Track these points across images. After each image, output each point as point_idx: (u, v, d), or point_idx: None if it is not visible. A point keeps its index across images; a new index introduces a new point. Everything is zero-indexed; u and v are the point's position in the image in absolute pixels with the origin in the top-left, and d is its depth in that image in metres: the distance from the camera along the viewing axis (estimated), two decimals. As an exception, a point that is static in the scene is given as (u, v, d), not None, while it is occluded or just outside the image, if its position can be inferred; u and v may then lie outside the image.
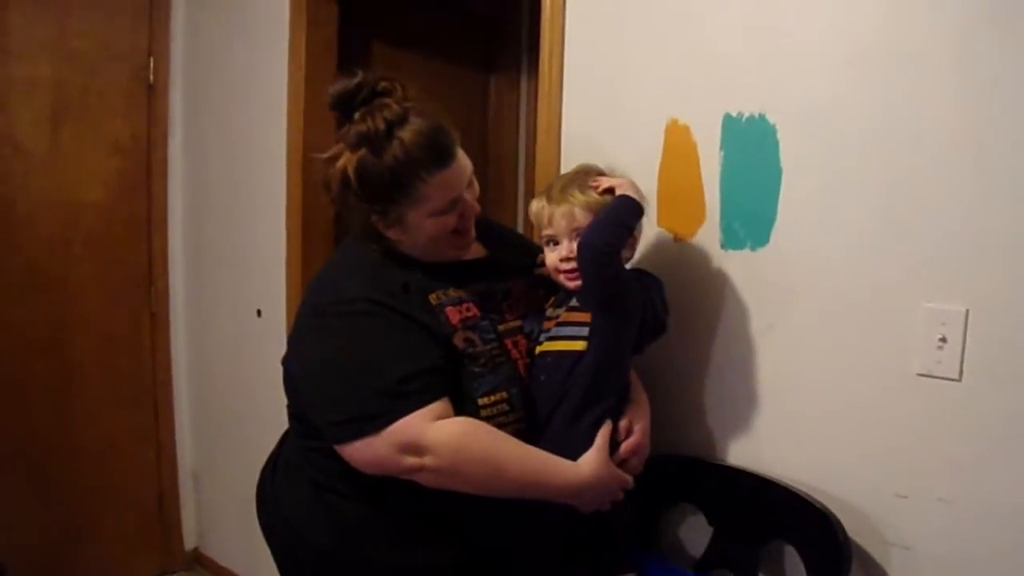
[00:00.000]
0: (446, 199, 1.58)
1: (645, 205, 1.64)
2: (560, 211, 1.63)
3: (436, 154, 1.55)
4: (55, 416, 3.18)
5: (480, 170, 1.72)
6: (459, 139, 1.61)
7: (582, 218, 1.61)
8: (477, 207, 1.66)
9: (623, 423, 1.65)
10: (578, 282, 1.62)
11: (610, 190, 1.64)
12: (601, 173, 1.71)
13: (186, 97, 3.39)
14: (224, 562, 3.51)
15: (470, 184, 1.64)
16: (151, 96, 3.31)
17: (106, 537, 3.35)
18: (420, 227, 1.59)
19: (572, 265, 1.61)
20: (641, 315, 1.63)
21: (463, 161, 1.61)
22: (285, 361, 1.71)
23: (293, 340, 1.68)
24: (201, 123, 3.35)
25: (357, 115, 1.54)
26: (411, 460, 1.45)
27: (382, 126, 1.51)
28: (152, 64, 3.28)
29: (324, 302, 1.61)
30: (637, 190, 1.64)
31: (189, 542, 3.64)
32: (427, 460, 1.45)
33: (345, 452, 1.52)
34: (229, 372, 3.36)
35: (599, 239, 1.56)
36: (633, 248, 1.71)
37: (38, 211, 3.07)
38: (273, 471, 1.83)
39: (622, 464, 1.63)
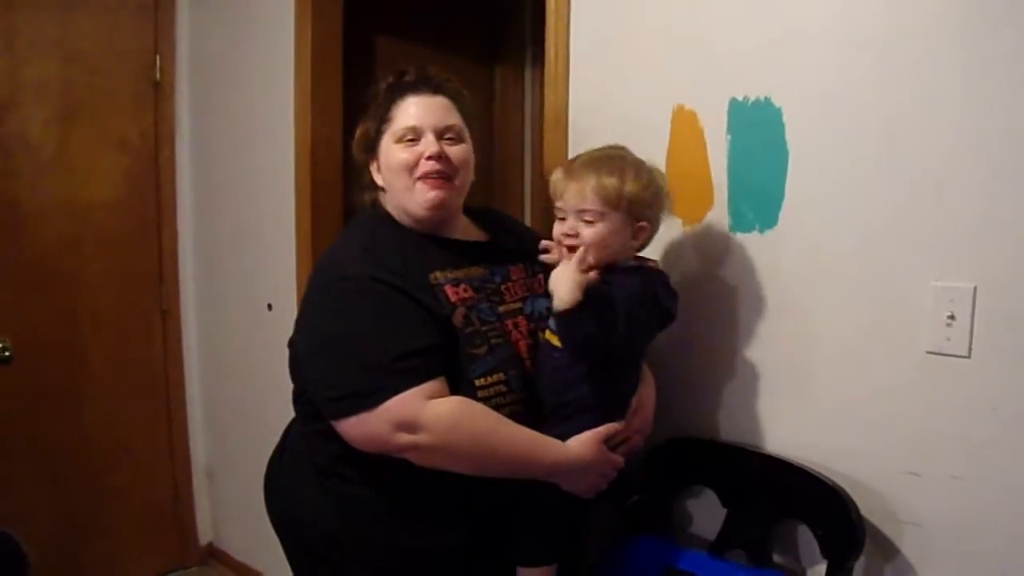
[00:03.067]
0: (408, 123, 1.65)
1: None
2: (573, 188, 1.61)
3: (416, 81, 1.69)
4: (69, 414, 3.21)
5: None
6: (462, 95, 1.74)
7: (592, 202, 1.59)
8: (442, 153, 1.65)
9: (633, 400, 1.68)
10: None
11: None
12: (627, 157, 1.66)
13: (193, 94, 3.41)
14: (239, 556, 3.53)
15: (450, 138, 1.68)
16: (158, 94, 3.33)
17: (121, 533, 3.37)
18: (387, 155, 1.68)
19: (571, 241, 1.61)
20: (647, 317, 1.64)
21: (445, 105, 1.69)
22: (291, 343, 1.74)
23: (298, 319, 1.71)
24: (208, 120, 3.37)
25: None
26: (405, 438, 1.47)
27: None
28: (158, 62, 3.30)
29: (326, 280, 1.63)
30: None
31: (204, 537, 3.66)
32: (421, 438, 1.47)
33: (341, 428, 1.54)
34: (241, 367, 3.37)
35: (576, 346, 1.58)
36: (647, 240, 1.70)
37: (48, 210, 3.08)
38: (279, 459, 1.86)
39: (623, 443, 1.66)
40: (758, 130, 1.76)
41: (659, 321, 1.67)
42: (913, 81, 1.55)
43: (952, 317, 1.53)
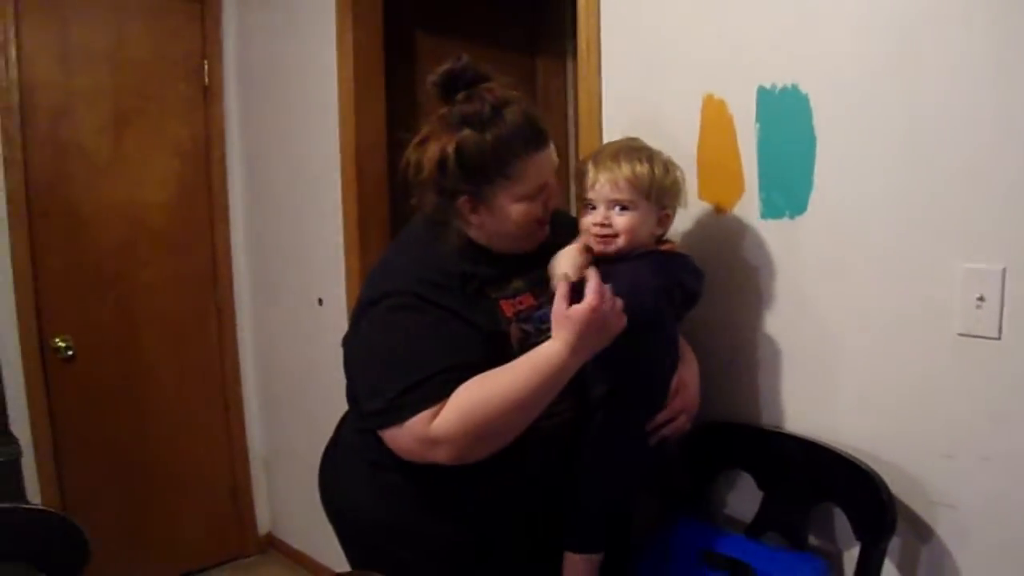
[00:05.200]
0: (537, 182, 1.62)
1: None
2: (604, 178, 1.64)
3: (535, 134, 1.61)
4: (131, 409, 3.34)
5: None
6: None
7: (626, 191, 1.63)
8: (558, 198, 1.70)
9: (674, 382, 1.71)
10: (608, 247, 1.65)
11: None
12: (650, 148, 1.71)
13: (241, 97, 3.50)
14: (297, 545, 3.63)
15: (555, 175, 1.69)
16: (207, 98, 3.43)
17: (183, 524, 3.50)
18: (506, 211, 1.62)
19: (604, 231, 1.65)
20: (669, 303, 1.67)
21: (553, 149, 1.66)
22: (345, 341, 1.77)
23: (351, 326, 1.74)
24: (256, 121, 3.46)
25: (461, 96, 1.58)
26: (432, 453, 1.53)
27: (488, 107, 1.56)
28: (206, 67, 3.40)
29: (375, 293, 1.66)
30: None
31: (263, 527, 3.78)
32: (447, 450, 1.52)
33: (383, 437, 1.60)
34: (294, 361, 3.46)
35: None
36: (666, 226, 1.74)
37: (104, 214, 3.21)
38: (333, 451, 1.91)
39: (668, 424, 1.70)
40: (786, 117, 1.77)
41: (685, 303, 1.70)
42: (941, 65, 1.55)
43: (982, 299, 1.53)
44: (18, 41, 2.94)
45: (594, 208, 1.67)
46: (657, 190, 1.66)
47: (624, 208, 1.64)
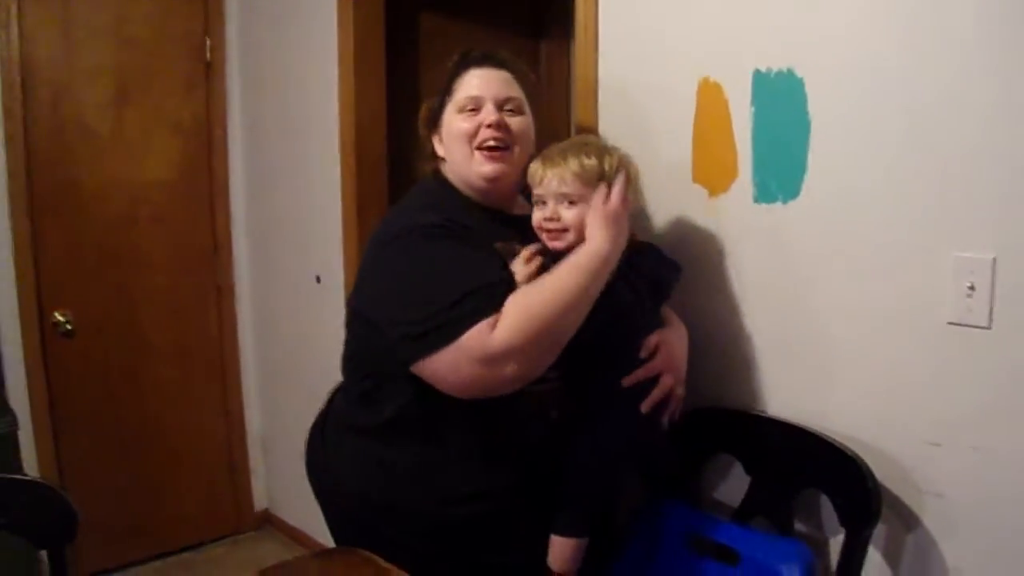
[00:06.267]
0: (470, 93, 1.72)
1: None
2: (551, 173, 1.66)
3: (480, 58, 1.76)
4: (130, 385, 3.36)
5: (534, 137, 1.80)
6: (526, 73, 1.82)
7: (572, 184, 1.64)
8: (501, 122, 1.70)
9: (651, 339, 1.71)
10: (558, 243, 1.66)
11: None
12: (599, 142, 1.75)
13: (243, 74, 3.50)
14: (293, 522, 3.65)
15: (510, 109, 1.73)
16: (209, 75, 3.43)
17: (180, 500, 3.53)
18: (449, 125, 1.74)
19: (553, 225, 1.66)
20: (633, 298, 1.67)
21: (506, 78, 1.75)
22: (349, 302, 1.79)
23: (363, 274, 1.74)
24: (258, 99, 3.46)
25: None
26: (499, 370, 1.47)
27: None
28: (208, 44, 3.40)
29: (393, 232, 1.65)
30: None
31: (259, 503, 3.80)
32: (516, 362, 1.47)
33: (428, 370, 1.53)
34: (292, 339, 3.47)
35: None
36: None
37: (106, 191, 3.22)
38: (322, 427, 1.92)
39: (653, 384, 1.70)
40: (781, 101, 1.76)
41: (653, 292, 1.72)
42: (938, 52, 1.53)
43: (972, 288, 1.52)
44: (20, 18, 2.95)
45: (544, 204, 1.69)
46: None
47: (572, 203, 1.65)
